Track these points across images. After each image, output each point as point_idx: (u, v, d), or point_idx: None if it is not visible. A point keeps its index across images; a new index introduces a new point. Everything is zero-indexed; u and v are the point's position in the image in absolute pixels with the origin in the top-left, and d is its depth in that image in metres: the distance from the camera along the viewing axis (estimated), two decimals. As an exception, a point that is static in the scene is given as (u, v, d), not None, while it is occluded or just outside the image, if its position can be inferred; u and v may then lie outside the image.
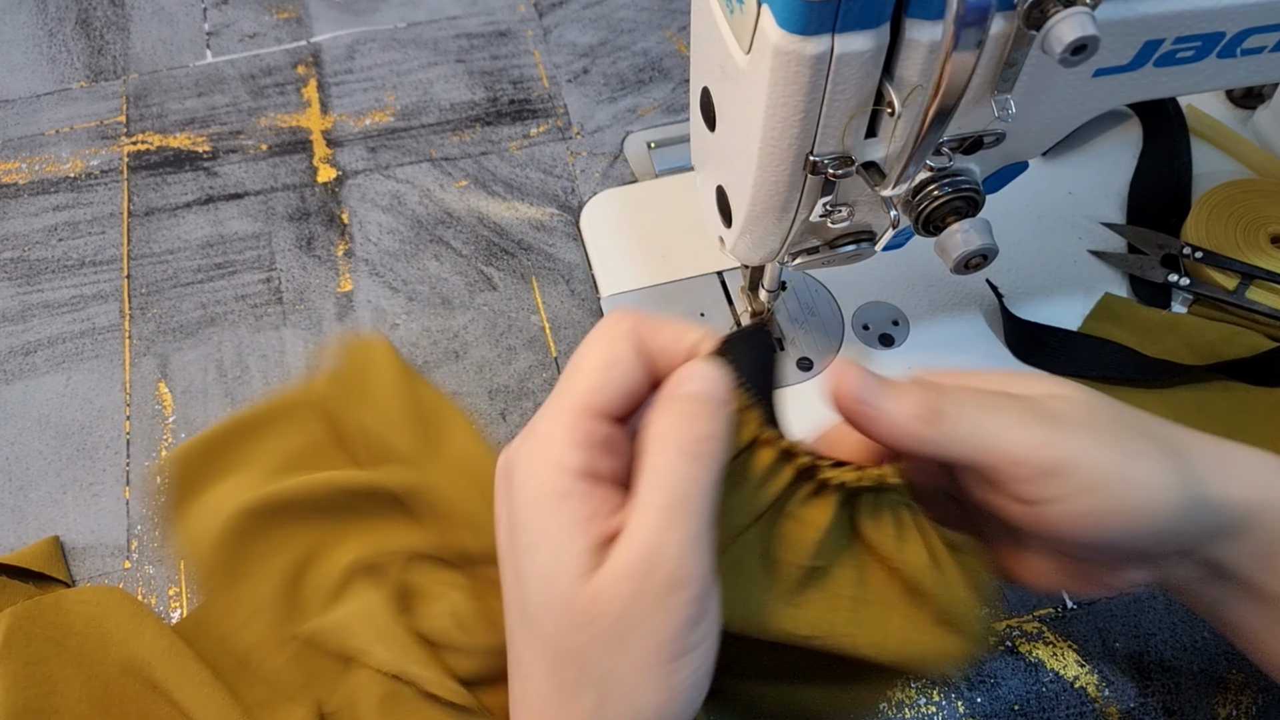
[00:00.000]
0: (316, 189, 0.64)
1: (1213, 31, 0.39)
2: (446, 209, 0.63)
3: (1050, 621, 0.49)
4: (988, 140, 0.40)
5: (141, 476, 0.54)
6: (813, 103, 0.36)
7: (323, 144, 0.66)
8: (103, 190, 0.64)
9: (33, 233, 0.62)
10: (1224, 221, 0.59)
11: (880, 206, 0.42)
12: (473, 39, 0.71)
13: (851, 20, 0.33)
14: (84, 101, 0.68)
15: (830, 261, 0.46)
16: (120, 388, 0.56)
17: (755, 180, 0.40)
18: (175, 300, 0.59)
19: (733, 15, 0.37)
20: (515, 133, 0.67)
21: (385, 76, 0.69)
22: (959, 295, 0.59)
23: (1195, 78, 0.41)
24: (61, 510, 0.53)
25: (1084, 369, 0.55)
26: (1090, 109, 0.42)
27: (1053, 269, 0.59)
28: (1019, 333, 0.57)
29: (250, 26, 0.72)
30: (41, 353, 0.58)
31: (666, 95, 0.69)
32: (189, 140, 0.66)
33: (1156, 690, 0.48)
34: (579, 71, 0.70)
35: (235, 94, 0.68)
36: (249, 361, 0.57)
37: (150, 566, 0.51)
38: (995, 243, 0.39)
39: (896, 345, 0.57)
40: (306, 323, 0.59)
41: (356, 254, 0.61)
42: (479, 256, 0.61)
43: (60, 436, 0.55)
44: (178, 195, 0.64)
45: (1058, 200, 0.63)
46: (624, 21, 0.73)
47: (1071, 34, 0.31)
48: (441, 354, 0.58)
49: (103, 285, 0.60)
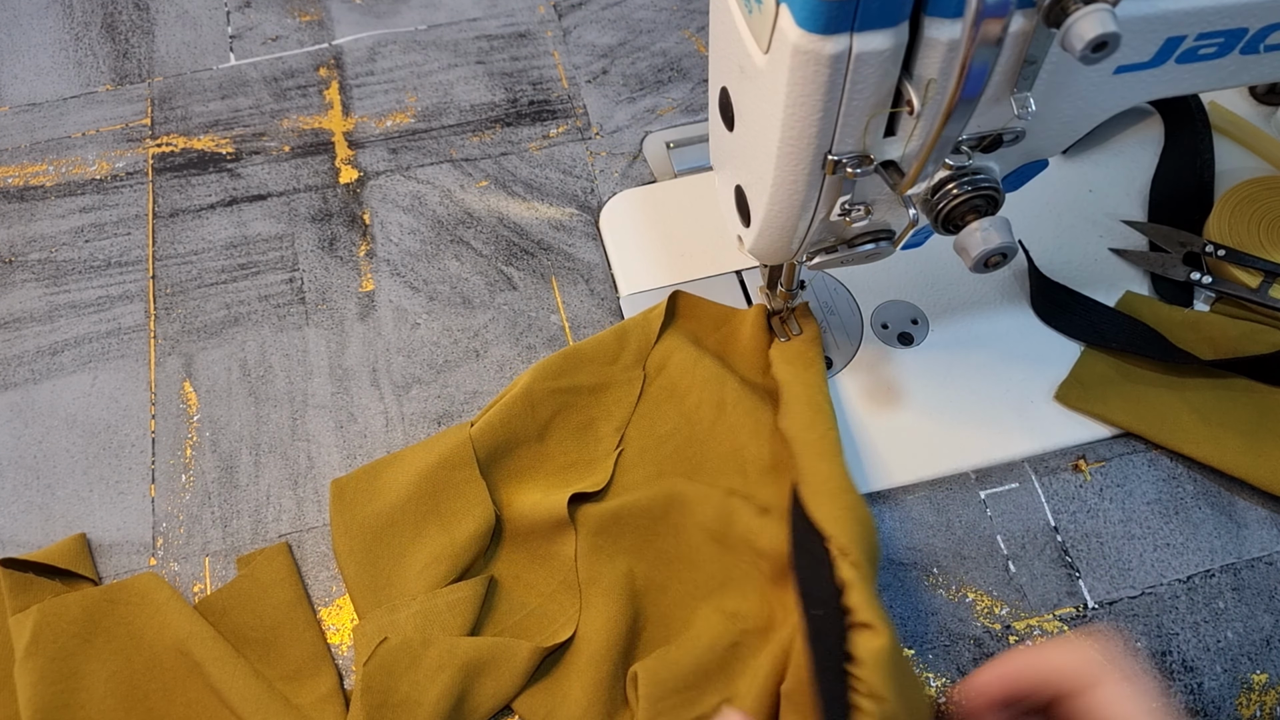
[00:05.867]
0: (338, 190, 0.65)
1: (1235, 28, 0.38)
2: (467, 209, 0.64)
3: (1071, 621, 0.49)
4: (1007, 138, 0.40)
5: (167, 475, 0.54)
6: (831, 102, 0.36)
7: (344, 145, 0.67)
8: (128, 192, 0.65)
9: (60, 234, 0.63)
10: (1247, 219, 0.58)
11: (899, 205, 0.42)
12: (493, 40, 0.72)
13: (870, 19, 0.33)
14: (109, 104, 0.69)
15: (849, 260, 0.46)
16: (145, 387, 0.57)
17: (774, 179, 0.40)
18: (200, 300, 0.60)
19: (751, 15, 0.37)
20: (535, 133, 0.67)
21: (406, 78, 0.70)
22: (978, 294, 0.59)
23: (1217, 74, 0.41)
24: (88, 508, 0.53)
25: (1107, 339, 0.55)
26: (1111, 106, 0.41)
27: (1074, 267, 0.59)
28: (1045, 292, 0.57)
29: (273, 29, 0.73)
30: (68, 352, 0.58)
31: (685, 95, 0.69)
32: (213, 142, 0.67)
33: (1179, 690, 0.47)
34: (598, 72, 0.70)
35: (258, 96, 0.69)
36: (272, 361, 0.58)
37: (175, 564, 0.51)
38: (1015, 241, 0.39)
39: (916, 344, 0.57)
40: (329, 322, 0.59)
41: (378, 254, 0.62)
42: (499, 256, 0.62)
43: (86, 435, 0.55)
44: (202, 197, 0.64)
45: (1078, 198, 0.62)
46: (643, 22, 0.73)
47: (1092, 31, 0.31)
48: (462, 353, 0.58)
49: (128, 286, 0.61)
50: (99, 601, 0.49)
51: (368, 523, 0.51)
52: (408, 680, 0.46)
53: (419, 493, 0.51)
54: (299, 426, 0.56)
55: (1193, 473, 0.53)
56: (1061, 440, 0.54)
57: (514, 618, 0.50)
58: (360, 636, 0.48)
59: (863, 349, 0.57)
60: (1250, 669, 0.48)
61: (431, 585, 0.49)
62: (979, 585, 0.50)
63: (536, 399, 0.54)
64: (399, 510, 0.51)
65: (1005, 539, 0.51)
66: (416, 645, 0.47)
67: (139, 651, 0.48)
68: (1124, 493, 0.53)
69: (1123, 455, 0.54)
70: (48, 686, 0.46)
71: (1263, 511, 0.52)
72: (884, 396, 0.55)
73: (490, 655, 0.47)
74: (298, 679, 0.48)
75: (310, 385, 0.57)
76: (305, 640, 0.49)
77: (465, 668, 0.46)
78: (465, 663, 0.46)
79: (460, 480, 0.52)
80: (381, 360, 0.58)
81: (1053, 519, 0.52)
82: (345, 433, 0.55)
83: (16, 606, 0.49)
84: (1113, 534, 0.51)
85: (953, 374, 0.56)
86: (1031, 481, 0.53)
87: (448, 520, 0.51)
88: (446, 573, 0.49)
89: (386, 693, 0.46)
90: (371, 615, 0.49)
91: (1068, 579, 0.50)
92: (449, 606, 0.48)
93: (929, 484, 0.53)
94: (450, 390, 0.57)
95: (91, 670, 0.47)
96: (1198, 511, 0.52)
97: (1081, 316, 0.57)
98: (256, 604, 0.50)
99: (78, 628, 0.48)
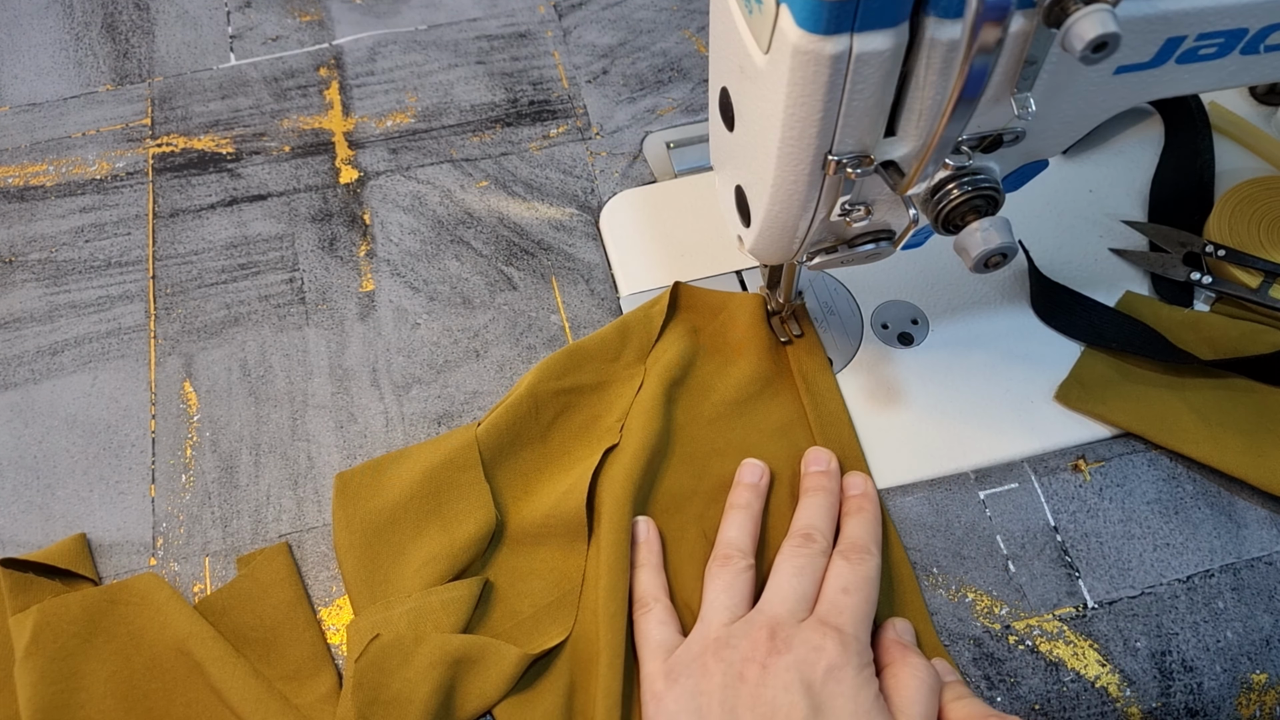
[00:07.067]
0: (339, 190, 0.65)
1: (1235, 28, 0.38)
2: (467, 209, 0.64)
3: (1071, 621, 0.49)
4: (1007, 138, 0.40)
5: (167, 475, 0.54)
6: (831, 102, 0.36)
7: (345, 145, 0.67)
8: (128, 192, 0.65)
9: (60, 234, 0.63)
10: (1247, 219, 0.58)
11: (899, 205, 0.42)
12: (493, 40, 0.72)
13: (870, 19, 0.33)
14: (110, 104, 0.69)
15: (849, 260, 0.46)
16: (146, 387, 0.57)
17: (774, 180, 0.40)
18: (200, 300, 0.60)
19: (751, 15, 0.37)
20: (535, 133, 0.67)
21: (406, 78, 0.70)
22: (978, 294, 0.59)
23: (1218, 75, 0.41)
24: (88, 508, 0.53)
25: (1107, 339, 0.55)
26: (1111, 107, 0.42)
27: (1074, 267, 0.59)
28: (1045, 293, 0.57)
29: (273, 29, 0.73)
30: (68, 352, 0.58)
31: (685, 95, 0.69)
32: (213, 142, 0.67)
33: (1179, 690, 0.47)
34: (598, 72, 0.70)
35: (258, 96, 0.69)
36: (272, 361, 0.58)
37: (175, 564, 0.52)
38: (1015, 241, 0.39)
39: (916, 344, 0.57)
40: (329, 323, 0.59)
41: (378, 254, 0.62)
42: (499, 256, 0.62)
43: (87, 435, 0.56)
44: (202, 197, 0.64)
45: (1078, 198, 0.62)
46: (643, 22, 0.73)
47: (1092, 31, 0.31)
48: (462, 353, 0.58)
49: (128, 286, 0.61)
50: (99, 601, 0.49)
51: (369, 518, 0.51)
52: (399, 677, 0.46)
53: (422, 492, 0.51)
54: (299, 426, 0.56)
55: (1192, 473, 0.53)
56: (1061, 440, 0.54)
57: (505, 624, 0.49)
58: (354, 633, 0.48)
59: (863, 349, 0.57)
60: (1250, 669, 0.48)
61: (427, 584, 0.49)
62: (979, 585, 0.50)
63: (541, 400, 0.54)
64: (401, 508, 0.51)
65: (1005, 539, 0.51)
66: (409, 643, 0.47)
67: (139, 651, 0.48)
68: (1124, 493, 0.53)
69: (1122, 455, 0.54)
70: (48, 686, 0.46)
71: (1262, 511, 0.52)
72: (884, 396, 0.55)
73: (479, 654, 0.47)
74: (298, 679, 0.48)
75: (310, 385, 0.57)
76: (305, 640, 0.49)
77: (455, 665, 0.46)
78: (456, 659, 0.46)
79: (464, 482, 0.52)
80: (382, 360, 0.58)
81: (1052, 519, 0.52)
82: (345, 433, 0.55)
83: (16, 606, 0.49)
84: (1112, 534, 0.51)
85: (953, 374, 0.56)
86: (1031, 481, 0.53)
87: (449, 521, 0.51)
88: (443, 572, 0.49)
89: (378, 689, 0.46)
90: (365, 611, 0.49)
91: (1067, 579, 0.50)
92: (443, 605, 0.48)
93: (928, 484, 0.53)
94: (450, 390, 0.57)
95: (91, 670, 0.47)
96: (1197, 511, 0.52)
97: (1081, 317, 0.57)
98: (256, 604, 0.50)
99: (78, 628, 0.48)
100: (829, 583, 0.46)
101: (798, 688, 0.42)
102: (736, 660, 0.43)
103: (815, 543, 0.48)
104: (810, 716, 0.41)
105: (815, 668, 0.42)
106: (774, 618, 0.45)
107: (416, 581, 0.49)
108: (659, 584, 0.49)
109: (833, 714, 0.41)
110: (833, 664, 0.42)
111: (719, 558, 0.49)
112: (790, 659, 0.43)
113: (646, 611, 0.48)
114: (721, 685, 0.43)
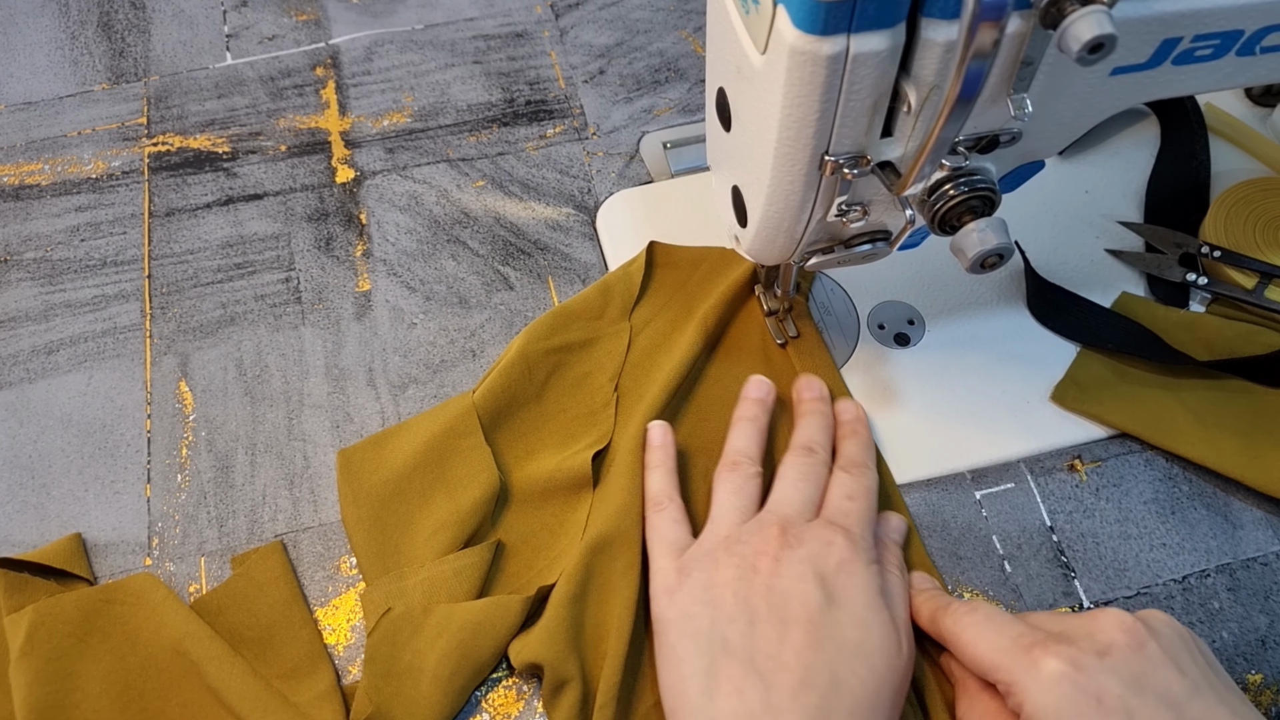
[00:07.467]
0: (335, 189, 0.65)
1: (1231, 29, 0.38)
2: (463, 209, 0.64)
3: (1067, 621, 0.49)
4: (1004, 139, 0.40)
5: (162, 474, 0.54)
6: (828, 103, 0.36)
7: (341, 145, 0.66)
8: (124, 191, 0.65)
9: (55, 233, 0.63)
10: (1242, 220, 0.58)
11: (896, 206, 0.42)
12: (489, 40, 0.72)
13: (867, 20, 0.33)
14: (105, 103, 0.69)
15: (846, 261, 0.46)
16: (141, 386, 0.57)
17: (771, 180, 0.40)
18: (195, 300, 0.60)
19: (748, 15, 0.37)
20: (532, 133, 0.67)
21: (403, 78, 0.70)
22: (975, 295, 0.59)
23: (1214, 76, 0.41)
24: (83, 508, 0.53)
25: (1103, 340, 0.55)
26: (1107, 108, 0.42)
27: (1070, 268, 0.59)
28: (1041, 293, 0.57)
29: (269, 29, 0.73)
30: (64, 352, 0.58)
31: (682, 95, 0.69)
32: (209, 141, 0.67)
33: (1174, 691, 0.47)
34: (595, 72, 0.70)
35: (255, 96, 0.69)
36: (268, 360, 0.58)
37: (171, 564, 0.51)
38: (1011, 242, 0.39)
39: (912, 344, 0.57)
40: (325, 322, 0.59)
41: (374, 254, 0.62)
42: (496, 256, 0.62)
43: (82, 435, 0.55)
44: (198, 196, 0.64)
45: (1075, 199, 0.62)
46: (640, 22, 0.73)
47: (1089, 33, 0.31)
48: (459, 353, 0.58)
49: (124, 285, 0.61)
50: (94, 601, 0.49)
51: (375, 491, 0.52)
52: (410, 649, 0.47)
53: (425, 461, 0.52)
54: (295, 426, 0.55)
55: (1188, 473, 0.53)
56: (1057, 441, 0.54)
57: (520, 580, 0.50)
58: (368, 604, 0.49)
59: (859, 349, 0.57)
60: (1246, 669, 0.48)
61: (438, 552, 0.49)
62: (975, 585, 0.50)
63: (533, 360, 0.55)
64: (405, 479, 0.52)
65: (1001, 539, 0.51)
66: (418, 614, 0.48)
67: (135, 651, 0.48)
68: (1120, 493, 0.53)
69: (1119, 456, 0.54)
70: (43, 687, 0.46)
71: (1258, 512, 0.52)
72: (880, 397, 0.55)
73: (485, 615, 0.47)
74: (294, 677, 0.48)
75: (306, 385, 0.57)
76: (301, 638, 0.49)
77: (462, 630, 0.47)
78: (461, 625, 0.47)
79: (466, 448, 0.52)
80: (378, 360, 0.58)
81: (1048, 519, 0.52)
82: (341, 432, 0.55)
83: (11, 606, 0.49)
84: (1108, 534, 0.52)
85: (949, 374, 0.56)
86: (1027, 482, 0.53)
87: (454, 488, 0.51)
88: (453, 539, 0.50)
89: (390, 661, 0.46)
90: (378, 583, 0.49)
91: (1063, 579, 0.50)
92: (455, 573, 0.48)
93: (924, 484, 0.53)
94: (447, 390, 0.57)
95: (87, 670, 0.47)
96: (1193, 512, 0.52)
97: (1078, 317, 0.57)
98: (252, 603, 0.49)
99: (73, 628, 0.48)
100: (833, 490, 0.48)
101: (811, 578, 0.43)
102: (749, 554, 0.44)
103: (816, 454, 0.50)
104: (824, 605, 0.42)
105: (827, 560, 0.44)
106: (784, 517, 0.46)
107: (427, 550, 0.50)
108: (672, 484, 0.50)
109: (846, 604, 0.43)
110: (844, 558, 0.44)
111: (727, 463, 0.50)
112: (803, 552, 0.44)
113: (660, 510, 0.49)
114: (735, 578, 0.44)
